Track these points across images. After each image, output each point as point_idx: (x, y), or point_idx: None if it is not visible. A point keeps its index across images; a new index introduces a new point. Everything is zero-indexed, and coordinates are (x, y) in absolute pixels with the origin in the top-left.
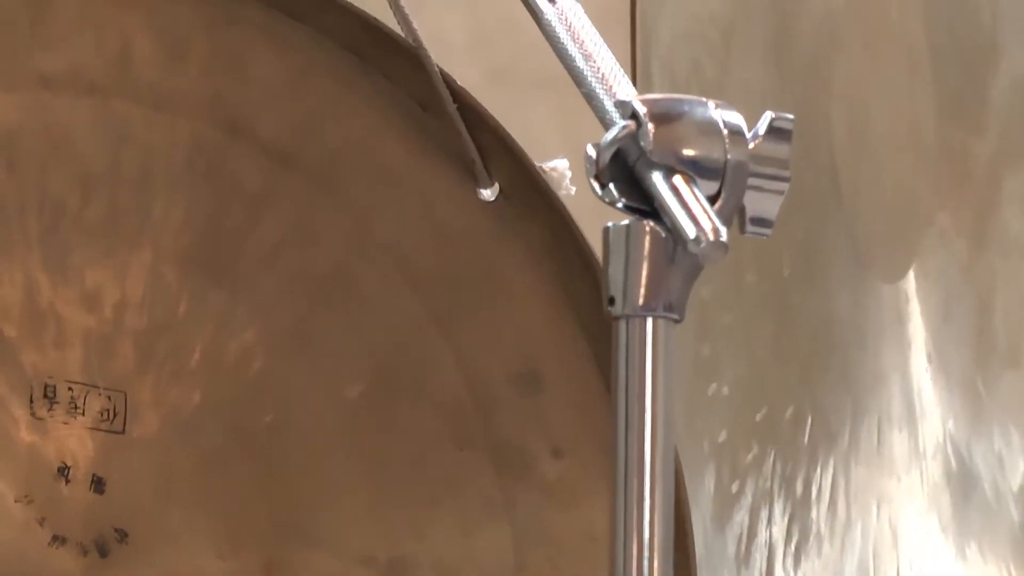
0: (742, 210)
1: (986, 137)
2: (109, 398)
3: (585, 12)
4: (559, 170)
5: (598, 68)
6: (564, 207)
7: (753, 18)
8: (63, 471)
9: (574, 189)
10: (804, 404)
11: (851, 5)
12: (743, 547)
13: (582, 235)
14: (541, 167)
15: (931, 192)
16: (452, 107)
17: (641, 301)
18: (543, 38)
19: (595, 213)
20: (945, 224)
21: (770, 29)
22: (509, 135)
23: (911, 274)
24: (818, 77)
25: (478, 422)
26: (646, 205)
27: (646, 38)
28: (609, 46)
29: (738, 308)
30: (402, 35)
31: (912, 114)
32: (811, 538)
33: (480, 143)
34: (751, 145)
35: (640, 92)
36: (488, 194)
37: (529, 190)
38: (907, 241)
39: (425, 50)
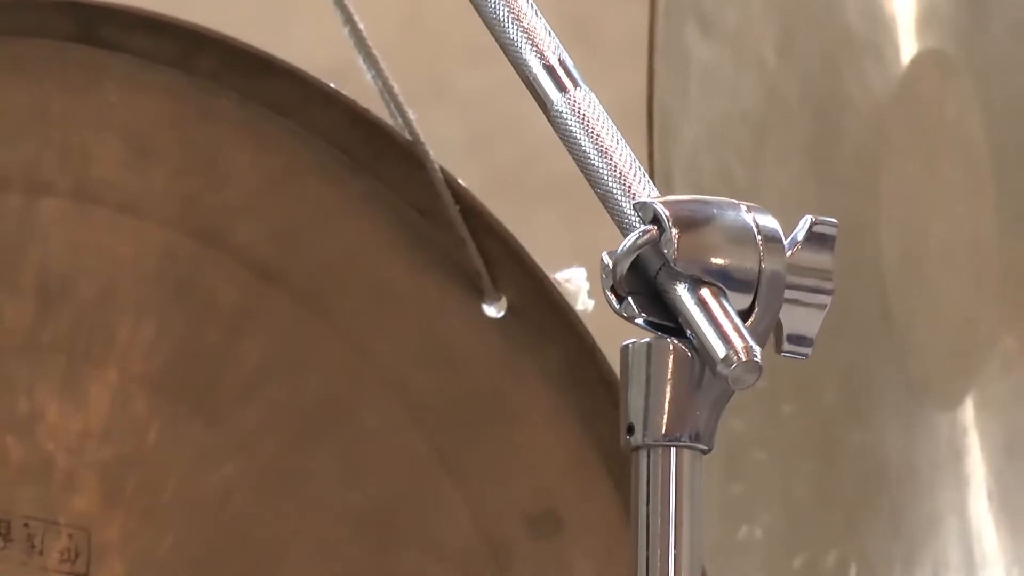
0: (778, 327)
1: None
2: (71, 536)
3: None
4: (574, 281)
5: (615, 165)
6: (581, 324)
7: (790, 117)
8: None
9: (592, 303)
10: (848, 550)
11: (901, 102)
12: None
13: (602, 355)
14: (554, 278)
15: (993, 313)
16: (454, 211)
17: (664, 429)
18: (552, 134)
19: (614, 330)
20: (1009, 348)
21: (809, 129)
22: (518, 242)
23: (969, 403)
24: (864, 183)
25: (491, 571)
26: (670, 321)
27: (666, 140)
28: None
29: (774, 443)
30: (396, 130)
31: (971, 225)
32: None
33: (486, 252)
34: (788, 253)
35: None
36: (495, 310)
37: (541, 305)
38: (965, 367)
39: (423, 145)
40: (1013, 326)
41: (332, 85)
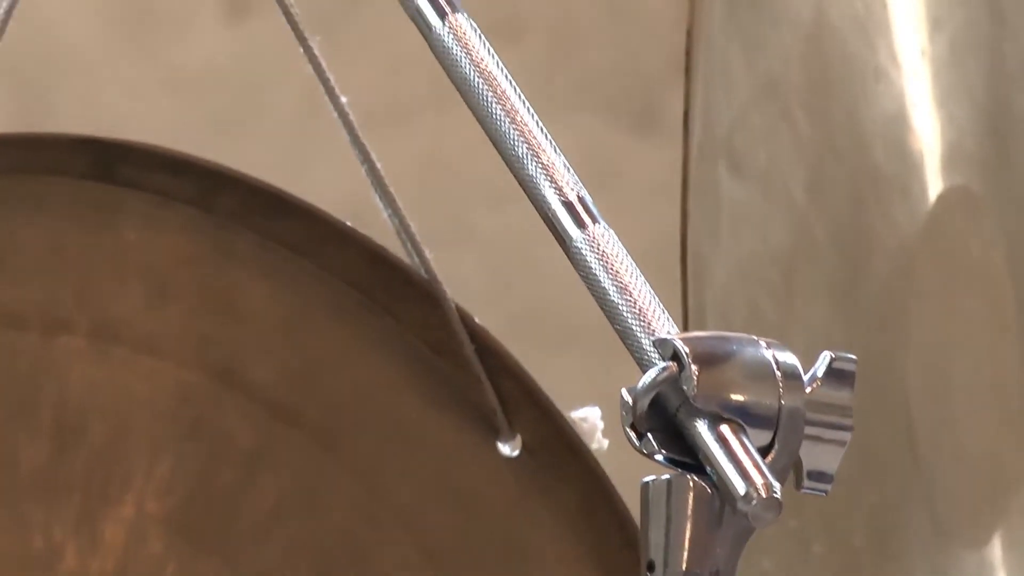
0: (798, 463)
1: None
2: None
3: (629, 249)
4: (590, 420)
5: (635, 302)
6: (597, 464)
7: (818, 257)
8: None
9: (607, 442)
10: None
11: (927, 242)
12: None
13: (618, 496)
14: (570, 417)
15: (1018, 452)
16: (470, 350)
17: (684, 567)
18: (569, 276)
19: (630, 467)
20: None
21: (837, 269)
22: (533, 381)
23: (996, 542)
24: (891, 322)
25: None
26: (689, 458)
27: (698, 279)
28: (657, 288)
29: None
30: (413, 269)
31: (995, 362)
32: None
33: (501, 391)
34: (808, 389)
35: None
36: (510, 449)
37: (556, 444)
38: (992, 505)
39: (440, 283)
40: None
41: (349, 224)
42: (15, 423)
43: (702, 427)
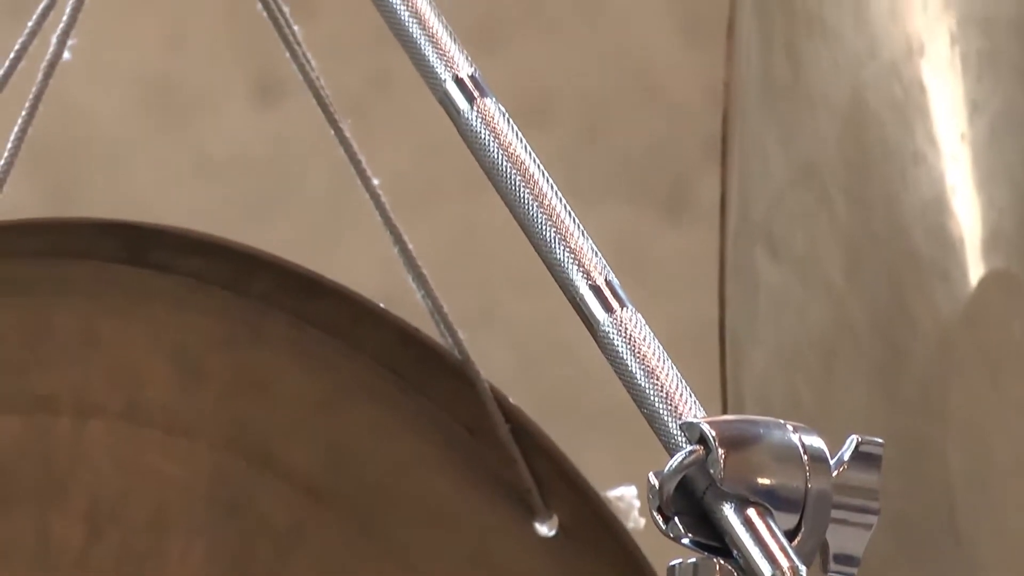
0: (825, 547)
1: None
2: None
3: (665, 334)
4: (626, 499)
5: (661, 385)
6: (634, 542)
7: (857, 339)
8: None
9: (643, 521)
10: None
11: (968, 326)
12: None
13: (655, 574)
14: (606, 496)
15: None
16: (504, 430)
17: None
18: (598, 360)
19: (666, 547)
20: None
21: (876, 351)
22: (568, 460)
23: None
24: (932, 405)
25: None
26: (716, 541)
27: (737, 365)
28: (696, 374)
29: None
30: (446, 349)
31: None
32: None
33: (536, 470)
34: (835, 473)
35: None
36: (547, 529)
37: (592, 523)
38: None
39: (473, 364)
40: None
41: (382, 304)
42: (49, 507)
43: (729, 511)
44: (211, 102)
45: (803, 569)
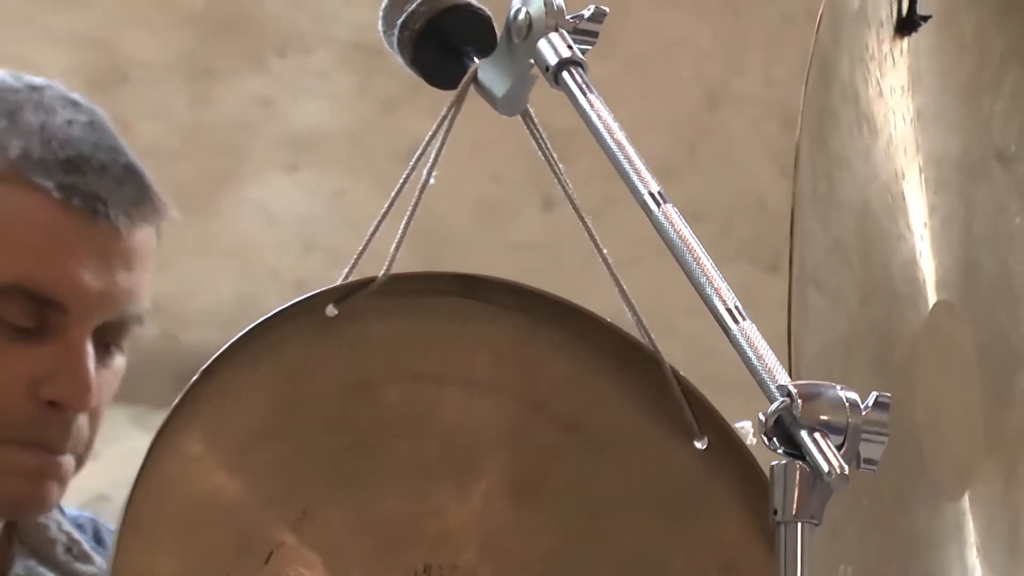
0: (858, 454)
1: None
2: None
3: (765, 338)
4: (745, 428)
5: (767, 365)
6: (751, 453)
7: (864, 344)
8: None
9: (755, 440)
10: None
11: (929, 334)
12: None
13: (763, 473)
14: (734, 426)
15: (977, 445)
16: (677, 391)
17: (794, 513)
18: (730, 353)
19: (768, 456)
20: None
21: (875, 351)
22: (713, 406)
23: (967, 496)
24: (907, 382)
25: None
26: (797, 451)
27: (797, 354)
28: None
29: None
30: (645, 344)
31: (968, 407)
32: None
33: (695, 412)
34: (863, 413)
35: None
36: (700, 445)
37: (727, 442)
38: (968, 466)
39: (659, 352)
40: None
41: (609, 319)
42: (415, 436)
43: (804, 435)
44: (511, 208)
45: (846, 467)
